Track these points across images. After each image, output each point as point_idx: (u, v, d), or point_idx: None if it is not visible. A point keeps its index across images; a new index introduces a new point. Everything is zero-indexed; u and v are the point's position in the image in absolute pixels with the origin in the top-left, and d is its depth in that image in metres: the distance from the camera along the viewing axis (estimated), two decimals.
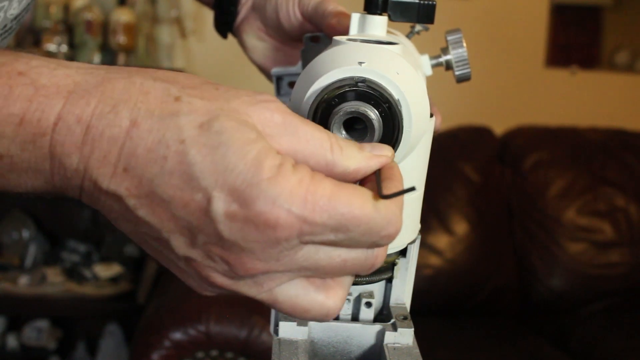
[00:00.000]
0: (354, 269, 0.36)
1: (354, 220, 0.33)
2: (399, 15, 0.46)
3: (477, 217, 2.08)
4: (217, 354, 1.41)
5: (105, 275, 2.20)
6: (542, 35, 2.71)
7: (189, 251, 0.35)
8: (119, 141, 0.33)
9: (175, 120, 0.33)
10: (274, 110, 0.35)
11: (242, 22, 0.65)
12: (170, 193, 0.33)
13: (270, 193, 0.32)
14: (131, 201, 0.34)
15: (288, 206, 0.32)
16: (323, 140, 0.35)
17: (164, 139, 0.33)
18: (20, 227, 2.29)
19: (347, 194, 0.33)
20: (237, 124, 0.33)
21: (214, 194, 0.32)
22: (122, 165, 0.33)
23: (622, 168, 2.21)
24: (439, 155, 0.99)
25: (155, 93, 0.34)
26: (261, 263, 0.34)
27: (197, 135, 0.32)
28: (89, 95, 0.34)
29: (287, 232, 0.32)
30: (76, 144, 0.33)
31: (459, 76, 0.56)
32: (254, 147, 0.32)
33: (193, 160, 0.32)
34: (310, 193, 0.32)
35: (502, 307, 2.08)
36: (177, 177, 0.33)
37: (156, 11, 2.34)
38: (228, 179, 0.32)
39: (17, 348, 2.23)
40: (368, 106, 0.38)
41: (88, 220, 2.39)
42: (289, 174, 0.32)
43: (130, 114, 0.33)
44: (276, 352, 0.42)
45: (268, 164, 0.32)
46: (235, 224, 0.33)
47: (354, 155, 0.36)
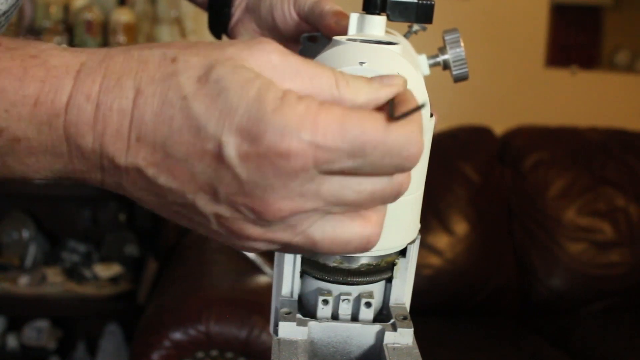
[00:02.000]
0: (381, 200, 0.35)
1: (369, 142, 0.32)
2: (398, 15, 0.46)
3: (477, 217, 2.08)
4: (217, 354, 1.41)
5: (105, 275, 2.20)
6: (542, 35, 2.71)
7: (215, 207, 0.34)
8: (127, 112, 0.34)
9: (175, 80, 0.33)
10: (271, 52, 0.34)
11: (237, 23, 0.65)
12: (184, 150, 0.33)
13: (276, 124, 0.31)
14: (150, 170, 0.34)
15: (297, 134, 0.31)
16: (327, 76, 0.34)
17: (167, 100, 0.33)
18: (20, 227, 2.29)
19: (358, 117, 0.32)
20: (233, 68, 0.33)
21: (223, 139, 0.32)
22: (134, 135, 0.34)
23: (622, 168, 2.21)
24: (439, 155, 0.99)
25: (153, 59, 0.34)
26: (286, 201, 0.33)
27: (198, 89, 0.33)
28: (94, 73, 0.34)
29: (301, 160, 0.32)
30: (88, 122, 0.34)
31: (456, 76, 0.56)
32: (253, 85, 0.32)
33: (197, 112, 0.32)
34: (319, 119, 0.32)
35: (502, 307, 2.08)
36: (186, 132, 0.33)
37: (156, 11, 2.34)
38: (233, 121, 0.32)
39: (17, 348, 2.24)
40: None
41: (88, 220, 2.39)
42: (294, 102, 0.32)
43: (133, 83, 0.34)
44: (276, 352, 0.42)
45: (270, 97, 0.32)
46: (250, 163, 0.32)
47: (362, 88, 0.35)
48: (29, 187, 2.18)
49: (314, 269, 0.46)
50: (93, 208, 2.37)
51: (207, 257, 1.71)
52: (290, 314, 0.45)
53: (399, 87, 0.36)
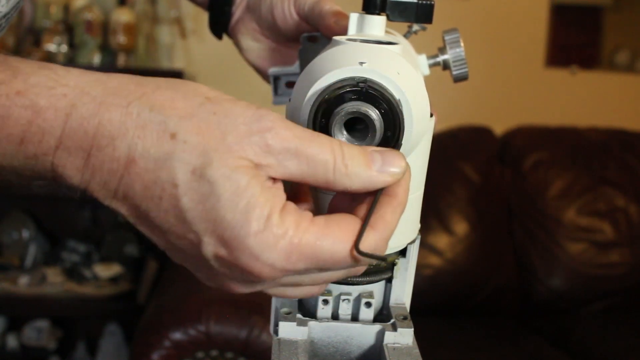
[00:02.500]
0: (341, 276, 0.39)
1: (336, 263, 0.36)
2: (398, 15, 0.46)
3: (477, 217, 2.08)
4: (217, 354, 1.41)
5: (105, 275, 2.20)
6: (542, 35, 2.71)
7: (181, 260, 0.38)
8: (117, 174, 0.35)
9: (170, 163, 0.34)
10: (271, 139, 0.35)
11: (237, 23, 0.65)
12: (167, 226, 0.35)
13: (255, 250, 0.34)
14: (132, 219, 0.37)
15: (271, 262, 0.34)
16: (326, 159, 0.36)
17: (159, 180, 0.34)
18: (20, 227, 2.29)
19: (330, 243, 0.35)
20: (229, 171, 0.34)
21: (204, 239, 0.35)
22: (121, 193, 0.35)
23: (622, 168, 2.21)
24: (439, 155, 0.99)
25: (152, 127, 0.34)
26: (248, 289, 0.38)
27: (190, 181, 0.34)
28: (87, 124, 0.34)
29: (269, 279, 0.36)
30: (77, 167, 0.35)
31: (456, 76, 0.56)
32: (243, 198, 0.34)
33: (185, 206, 0.34)
34: (294, 246, 0.34)
35: (502, 307, 2.08)
36: (171, 216, 0.35)
37: (156, 11, 2.34)
38: (217, 229, 0.34)
39: (17, 348, 2.23)
40: (369, 106, 0.38)
41: (88, 220, 2.39)
42: (275, 226, 0.34)
43: (128, 149, 0.34)
44: (276, 352, 0.42)
45: (256, 216, 0.34)
46: (223, 264, 0.35)
47: (359, 175, 0.36)
48: (29, 187, 2.17)
49: None
50: (93, 208, 2.37)
51: None
52: (290, 314, 0.45)
53: (398, 175, 0.37)
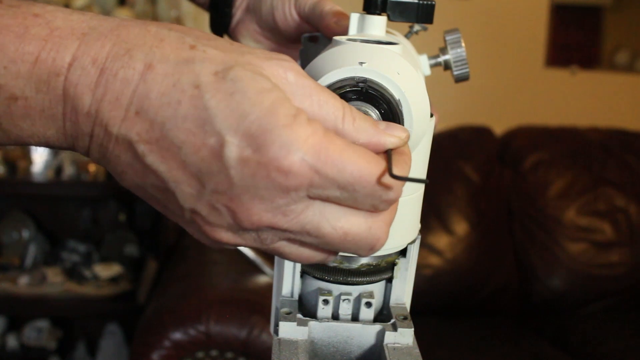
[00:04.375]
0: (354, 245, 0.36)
1: (361, 182, 0.33)
2: (398, 15, 0.46)
3: (477, 217, 2.08)
4: (217, 354, 1.41)
5: (105, 275, 2.20)
6: (542, 35, 2.71)
7: (194, 203, 0.34)
8: (132, 83, 0.33)
9: (191, 66, 0.33)
10: (288, 69, 0.35)
11: (238, 24, 0.65)
12: (182, 137, 0.33)
13: (285, 139, 0.32)
14: (141, 147, 0.34)
15: (302, 154, 0.32)
16: (336, 107, 0.35)
17: (179, 83, 0.33)
18: (20, 227, 2.29)
19: (358, 154, 0.33)
20: (252, 74, 0.33)
21: (227, 138, 0.32)
22: (134, 108, 0.33)
23: (622, 168, 2.21)
24: (439, 155, 1.00)
25: (170, 40, 0.34)
26: (268, 214, 0.34)
27: (213, 82, 0.32)
28: (104, 38, 0.34)
29: (298, 180, 0.32)
30: (89, 85, 0.33)
31: (457, 76, 0.56)
32: (269, 96, 0.32)
33: (208, 104, 0.32)
34: (324, 146, 0.32)
35: (502, 307, 2.08)
36: (190, 121, 0.32)
37: (156, 11, 2.34)
38: (243, 124, 0.32)
39: (17, 348, 2.23)
40: (369, 106, 0.38)
41: (88, 220, 2.39)
42: (305, 123, 0.32)
43: (145, 57, 0.33)
44: (276, 352, 0.42)
45: (283, 112, 0.32)
46: (247, 169, 0.32)
47: (366, 129, 0.35)
48: (29, 187, 2.18)
49: (314, 269, 0.46)
50: (93, 208, 2.37)
51: (207, 257, 1.71)
52: (290, 314, 0.45)
53: (401, 140, 0.36)
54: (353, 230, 0.35)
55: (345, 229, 0.35)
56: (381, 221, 0.36)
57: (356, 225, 0.35)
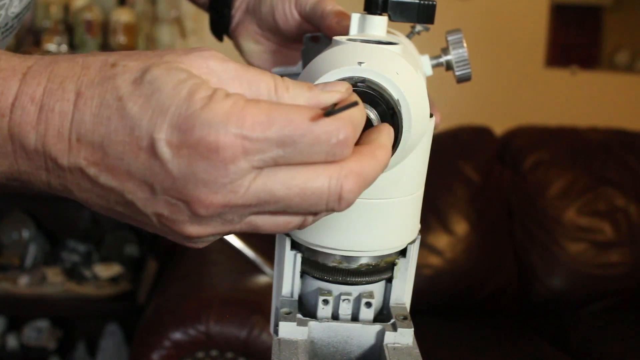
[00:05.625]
0: (319, 200, 0.34)
1: (296, 130, 0.33)
2: (399, 16, 0.46)
3: (477, 217, 2.08)
4: (217, 354, 1.41)
5: (105, 275, 2.20)
6: (542, 35, 2.71)
7: (154, 206, 0.35)
8: (68, 114, 0.35)
9: (113, 82, 0.34)
10: (208, 57, 0.35)
11: (238, 25, 0.65)
12: (121, 149, 0.34)
13: (204, 118, 0.32)
14: (91, 170, 0.35)
15: (224, 127, 0.32)
16: (266, 81, 0.35)
17: (105, 101, 0.34)
18: (20, 227, 2.29)
19: (285, 109, 0.33)
20: (167, 70, 0.34)
21: (155, 135, 0.33)
22: (74, 136, 0.35)
23: (622, 168, 2.21)
24: (439, 155, 0.99)
25: (95, 65, 0.36)
26: (217, 196, 0.34)
27: (133, 90, 0.34)
28: (40, 76, 0.35)
29: (230, 151, 0.32)
30: (31, 123, 0.35)
31: (459, 76, 0.56)
32: (185, 86, 0.33)
33: (131, 112, 0.34)
34: (246, 112, 0.33)
35: (502, 307, 2.08)
36: (122, 132, 0.34)
37: (156, 11, 2.34)
38: (165, 118, 0.33)
39: (17, 348, 2.23)
40: (368, 106, 0.38)
41: (88, 220, 2.39)
42: (221, 99, 0.33)
43: (75, 86, 0.35)
44: (276, 352, 0.42)
45: (199, 96, 0.33)
46: (182, 158, 0.33)
47: (302, 93, 0.35)
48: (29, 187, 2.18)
49: (314, 269, 0.46)
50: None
51: (207, 257, 1.71)
52: (290, 314, 0.45)
53: (342, 93, 0.36)
54: (309, 184, 0.34)
55: (300, 185, 0.34)
56: (343, 169, 0.34)
57: (312, 178, 0.34)
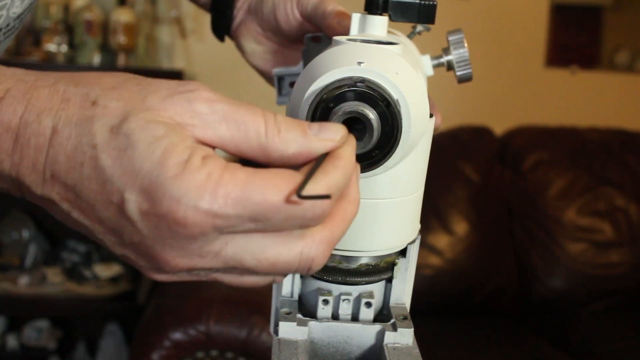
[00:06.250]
0: (288, 271, 0.35)
1: (271, 209, 0.32)
2: (400, 16, 0.46)
3: (477, 217, 2.08)
4: (217, 354, 1.41)
5: (105, 275, 2.20)
6: (542, 35, 2.71)
7: (122, 250, 0.35)
8: (43, 150, 0.34)
9: (90, 126, 0.33)
10: (194, 100, 0.34)
11: (239, 26, 0.65)
12: (92, 196, 0.34)
13: (174, 192, 0.31)
14: (64, 205, 0.35)
15: (194, 203, 0.31)
16: (257, 123, 0.34)
17: (80, 145, 0.33)
18: (20, 227, 2.29)
19: (261, 181, 0.32)
20: (144, 122, 0.33)
21: (126, 195, 0.33)
22: (49, 172, 0.34)
23: (622, 168, 2.21)
24: (439, 155, 1.00)
25: (75, 99, 0.34)
26: (184, 260, 0.34)
27: (108, 139, 0.33)
28: (17, 103, 0.35)
29: (198, 229, 0.32)
30: (7, 151, 0.35)
31: (460, 77, 0.56)
32: (159, 146, 0.32)
33: (104, 164, 0.33)
34: (220, 186, 0.32)
35: (502, 307, 2.08)
36: (94, 181, 0.33)
37: (156, 11, 2.34)
38: (137, 180, 0.32)
39: (17, 348, 2.23)
40: (367, 106, 0.38)
41: None
42: (195, 169, 0.32)
43: (52, 122, 0.34)
44: (276, 352, 0.42)
45: (173, 162, 0.32)
46: (150, 222, 0.33)
47: (294, 139, 0.34)
48: None
49: None
50: None
51: None
52: (290, 314, 0.45)
53: (335, 142, 0.35)
54: (281, 259, 0.34)
55: (271, 260, 0.34)
56: (314, 240, 0.34)
57: (284, 253, 0.34)
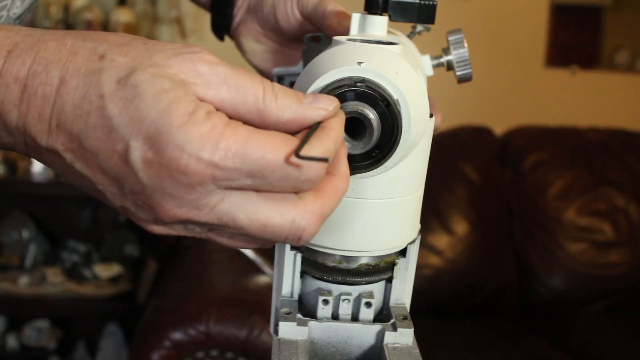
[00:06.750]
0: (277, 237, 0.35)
1: (268, 166, 0.33)
2: (400, 16, 0.46)
3: (477, 217, 2.08)
4: (217, 354, 1.41)
5: (105, 275, 2.20)
6: (542, 35, 2.71)
7: (121, 201, 0.36)
8: (50, 99, 0.35)
9: (97, 77, 0.34)
10: (198, 61, 0.35)
11: (239, 25, 0.65)
12: (96, 146, 0.34)
13: (179, 140, 0.33)
14: (67, 155, 0.36)
15: (197, 152, 0.32)
16: (255, 88, 0.35)
17: (87, 95, 0.34)
18: (20, 227, 2.29)
19: (261, 139, 0.33)
20: (151, 76, 0.34)
21: (131, 143, 0.33)
22: (54, 121, 0.35)
23: (622, 168, 2.21)
24: (439, 155, 1.00)
25: (83, 52, 0.35)
26: (182, 210, 0.35)
27: (115, 90, 0.34)
28: (25, 55, 0.35)
29: (198, 178, 0.33)
30: (14, 101, 0.35)
31: (460, 77, 0.56)
32: (166, 97, 0.33)
33: (111, 113, 0.34)
34: (222, 139, 0.33)
35: (502, 307, 2.08)
36: (99, 130, 0.34)
37: (156, 11, 2.34)
38: (142, 128, 0.33)
39: (17, 348, 2.24)
40: (367, 106, 0.38)
41: (88, 220, 2.39)
42: (200, 121, 0.33)
43: (60, 72, 0.35)
44: (276, 352, 0.42)
45: (179, 112, 0.33)
46: (152, 170, 0.34)
47: (290, 105, 0.35)
48: (29, 187, 2.18)
49: (313, 269, 0.46)
50: (93, 208, 2.37)
51: (207, 257, 1.71)
52: (290, 314, 0.45)
53: (328, 112, 0.36)
54: (272, 222, 0.35)
55: (262, 220, 0.35)
56: (307, 211, 0.35)
57: (276, 217, 0.35)
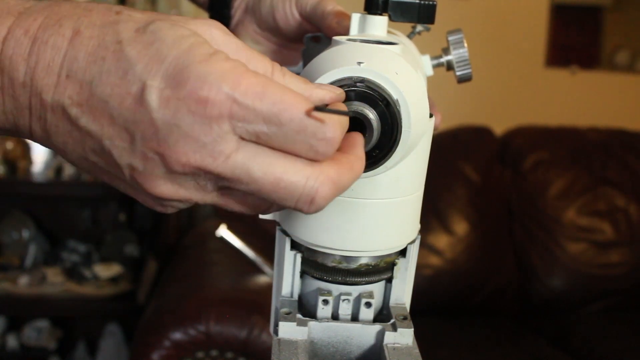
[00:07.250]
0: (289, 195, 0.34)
1: (286, 112, 0.32)
2: (400, 16, 0.46)
3: (477, 217, 2.08)
4: (217, 354, 1.41)
5: (105, 275, 2.20)
6: (542, 35, 2.71)
7: (129, 157, 0.35)
8: (62, 49, 0.35)
9: (115, 27, 0.35)
10: (213, 26, 0.36)
11: (237, 26, 0.65)
12: (108, 91, 0.34)
13: (200, 72, 0.32)
14: (74, 110, 0.35)
15: (218, 84, 0.32)
16: (264, 64, 0.35)
17: (103, 42, 0.34)
18: (20, 227, 2.29)
19: (282, 88, 0.33)
20: (171, 24, 0.34)
21: (148, 82, 0.33)
22: (64, 72, 0.35)
23: (622, 168, 2.21)
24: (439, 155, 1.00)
25: (98, 9, 0.36)
26: (196, 155, 0.33)
27: (134, 36, 0.34)
28: (37, 13, 0.36)
29: (217, 109, 0.32)
30: (23, 55, 0.35)
31: (460, 76, 0.56)
32: (187, 40, 0.33)
33: (128, 55, 0.34)
34: (244, 77, 0.33)
35: (502, 307, 2.08)
36: (114, 73, 0.34)
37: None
38: (161, 67, 0.33)
39: (17, 348, 2.23)
40: (366, 106, 0.38)
41: (88, 220, 2.39)
42: (222, 59, 0.33)
43: (73, 25, 0.35)
44: (276, 352, 0.42)
45: (200, 51, 0.33)
46: (168, 109, 0.33)
47: (296, 83, 0.36)
48: (29, 187, 2.18)
49: (313, 269, 0.46)
50: (93, 208, 2.37)
51: (207, 257, 1.71)
52: (290, 314, 0.45)
53: (334, 95, 0.36)
54: (286, 177, 0.33)
55: (277, 174, 0.33)
56: (322, 172, 0.34)
57: (290, 172, 0.33)
